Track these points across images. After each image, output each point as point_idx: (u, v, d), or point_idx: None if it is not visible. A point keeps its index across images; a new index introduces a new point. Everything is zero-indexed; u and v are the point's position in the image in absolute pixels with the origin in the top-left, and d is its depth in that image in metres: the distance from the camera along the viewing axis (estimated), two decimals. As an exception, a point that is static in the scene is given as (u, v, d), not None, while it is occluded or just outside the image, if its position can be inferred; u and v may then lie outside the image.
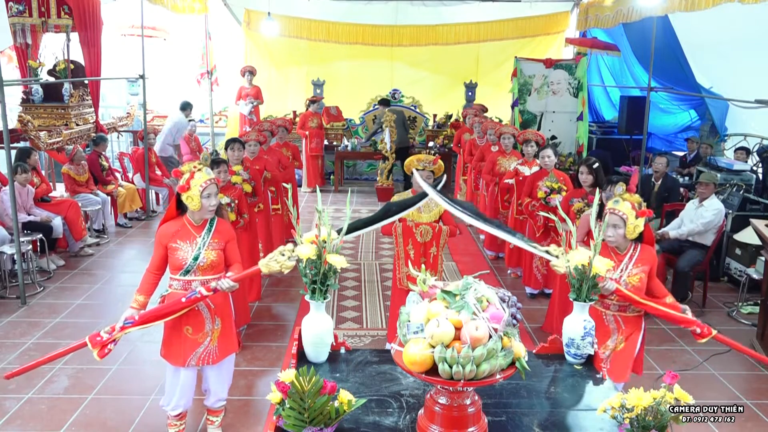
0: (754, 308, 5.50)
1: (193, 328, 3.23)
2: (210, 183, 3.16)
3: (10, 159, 5.57)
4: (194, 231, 3.22)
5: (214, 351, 3.29)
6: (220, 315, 3.30)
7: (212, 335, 3.27)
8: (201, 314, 3.24)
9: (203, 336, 3.24)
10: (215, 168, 4.71)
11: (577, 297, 2.66)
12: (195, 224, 3.23)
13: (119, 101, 12.10)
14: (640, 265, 3.18)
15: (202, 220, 3.24)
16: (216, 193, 3.20)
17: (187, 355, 3.23)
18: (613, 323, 3.25)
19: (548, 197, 5.37)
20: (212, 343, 3.28)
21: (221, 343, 3.32)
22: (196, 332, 3.23)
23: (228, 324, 3.37)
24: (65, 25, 7.21)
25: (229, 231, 3.33)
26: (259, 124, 7.44)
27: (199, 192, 3.12)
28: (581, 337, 2.56)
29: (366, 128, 11.06)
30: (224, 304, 3.36)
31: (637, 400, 1.92)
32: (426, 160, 4.17)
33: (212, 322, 3.27)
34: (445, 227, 4.23)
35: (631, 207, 3.13)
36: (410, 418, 2.10)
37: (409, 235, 4.21)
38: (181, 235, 3.19)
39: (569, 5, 11.20)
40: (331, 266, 2.53)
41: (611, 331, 3.24)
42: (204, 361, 3.27)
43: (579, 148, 9.48)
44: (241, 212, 4.79)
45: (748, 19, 6.79)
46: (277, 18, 10.89)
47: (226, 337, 3.36)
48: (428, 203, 4.22)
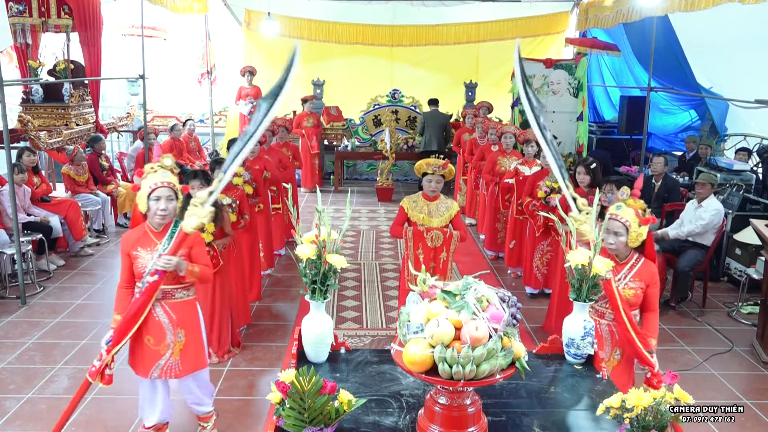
0: (754, 308, 5.50)
1: (154, 338, 3.06)
2: (162, 186, 2.97)
3: (11, 159, 5.57)
4: (155, 237, 3.03)
5: (176, 365, 3.10)
6: (183, 327, 3.11)
7: (173, 348, 3.08)
8: (161, 324, 3.06)
9: (164, 348, 3.07)
10: (216, 169, 4.73)
11: (577, 297, 2.66)
12: (155, 230, 3.04)
13: (119, 101, 12.09)
14: (637, 280, 3.01)
15: (162, 226, 3.04)
16: (169, 197, 2.99)
17: (149, 366, 3.08)
18: (607, 333, 3.09)
19: (548, 197, 5.37)
20: (173, 357, 3.09)
21: (184, 357, 3.12)
22: (158, 343, 3.06)
23: (194, 339, 3.17)
24: (65, 25, 7.21)
25: (195, 236, 3.06)
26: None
27: (147, 193, 2.97)
28: (581, 337, 2.56)
29: (366, 128, 11.06)
30: (189, 316, 3.16)
31: (637, 400, 1.92)
32: (436, 164, 4.17)
33: (174, 333, 3.08)
34: (456, 232, 4.19)
35: (635, 214, 2.96)
36: (410, 418, 2.10)
37: (419, 240, 4.19)
38: (142, 242, 3.02)
39: (569, 5, 11.19)
40: (331, 266, 2.53)
41: (604, 341, 3.09)
42: (167, 374, 3.10)
43: (579, 148, 9.48)
44: (242, 213, 4.78)
45: (748, 19, 6.79)
46: (277, 18, 10.89)
47: (192, 353, 3.15)
48: (438, 207, 4.24)
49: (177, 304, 3.10)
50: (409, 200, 4.32)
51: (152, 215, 3.02)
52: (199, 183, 4.16)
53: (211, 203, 2.81)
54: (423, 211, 4.25)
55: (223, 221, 4.31)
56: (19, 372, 4.26)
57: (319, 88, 11.39)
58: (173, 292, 3.08)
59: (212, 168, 4.74)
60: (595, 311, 3.09)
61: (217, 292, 4.35)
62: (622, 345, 3.01)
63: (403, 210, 4.31)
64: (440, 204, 4.29)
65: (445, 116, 10.15)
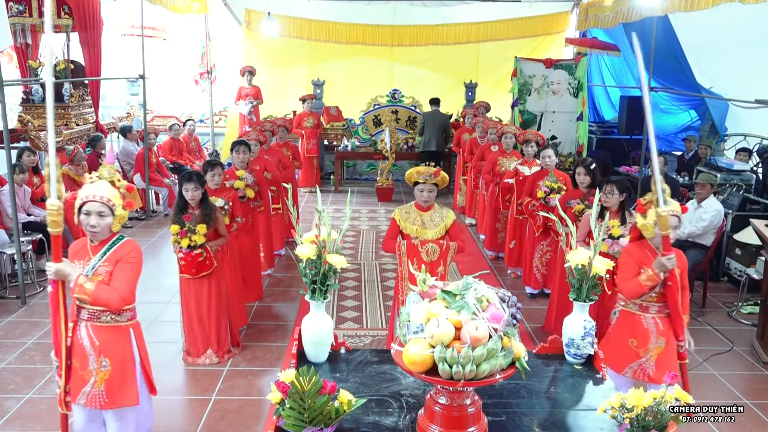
0: (754, 308, 5.50)
1: (79, 362, 2.77)
2: (94, 200, 2.68)
3: (11, 159, 5.57)
4: (91, 252, 2.76)
5: (100, 395, 2.77)
6: (108, 356, 2.75)
7: (96, 376, 2.75)
8: (84, 348, 2.74)
9: (88, 374, 2.76)
10: (209, 170, 4.66)
11: (577, 297, 2.66)
12: (93, 244, 2.78)
13: (119, 101, 12.10)
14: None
15: (100, 241, 2.76)
16: (101, 213, 2.69)
17: (77, 390, 2.78)
18: (653, 325, 3.16)
19: (548, 197, 5.37)
20: (97, 386, 2.76)
21: (110, 389, 2.77)
22: (82, 368, 2.76)
23: (122, 370, 2.79)
24: (65, 25, 7.22)
25: (130, 253, 2.77)
26: (260, 124, 7.43)
27: (78, 206, 2.71)
28: (581, 337, 2.56)
29: (366, 128, 11.07)
30: (117, 344, 2.79)
31: (637, 400, 1.92)
32: (427, 172, 3.88)
33: (96, 361, 2.75)
34: (453, 243, 3.91)
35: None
36: (410, 418, 2.10)
37: (414, 254, 3.87)
38: (80, 254, 2.78)
39: (569, 5, 11.19)
40: (331, 266, 2.53)
41: (650, 334, 3.15)
42: (92, 403, 2.78)
43: (579, 148, 9.49)
44: (234, 215, 4.75)
45: (748, 19, 6.79)
46: (277, 18, 10.89)
47: (120, 385, 2.79)
48: (432, 217, 3.96)
49: (102, 329, 2.75)
50: (401, 211, 4.02)
51: (84, 230, 2.75)
52: (193, 186, 4.15)
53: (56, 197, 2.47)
54: (416, 223, 3.95)
55: (217, 222, 4.28)
56: (19, 372, 4.26)
57: (319, 88, 11.39)
58: (99, 314, 2.74)
59: (205, 169, 4.69)
60: (638, 306, 3.17)
61: (213, 293, 4.33)
62: (666, 333, 3.15)
63: (395, 222, 4.00)
64: (434, 214, 3.99)
65: (446, 116, 10.15)
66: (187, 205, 4.21)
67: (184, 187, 4.17)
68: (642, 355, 3.15)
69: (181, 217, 4.17)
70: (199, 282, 4.30)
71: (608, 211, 4.28)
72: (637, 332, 3.16)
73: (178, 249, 4.20)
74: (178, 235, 4.15)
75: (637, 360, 3.16)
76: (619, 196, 4.21)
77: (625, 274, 3.16)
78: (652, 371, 3.13)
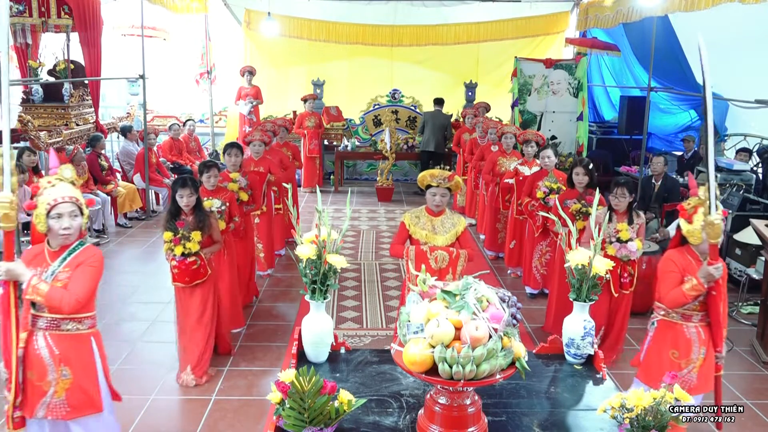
0: (754, 308, 5.50)
1: (36, 373, 2.65)
2: (63, 201, 2.62)
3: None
4: (49, 258, 2.67)
5: (61, 405, 2.68)
6: (68, 364, 2.67)
7: (56, 386, 2.66)
8: (42, 359, 2.64)
9: (47, 384, 2.66)
10: (205, 172, 4.59)
11: (577, 297, 2.66)
12: (52, 250, 2.68)
13: (119, 101, 12.11)
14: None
15: (60, 246, 2.67)
16: (73, 214, 2.64)
17: (34, 403, 2.67)
18: (695, 335, 3.04)
19: (547, 197, 5.37)
20: (57, 396, 2.67)
21: (71, 397, 2.69)
22: (40, 379, 2.66)
23: (84, 378, 2.72)
24: (65, 25, 7.22)
25: (91, 257, 2.69)
26: (263, 124, 7.42)
27: (45, 211, 2.61)
28: (581, 337, 2.56)
29: (366, 128, 11.08)
30: (78, 352, 2.71)
31: (637, 400, 1.92)
32: (441, 176, 3.73)
33: (56, 371, 2.65)
34: (464, 251, 3.73)
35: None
36: (410, 418, 2.10)
37: (422, 261, 3.66)
38: (37, 261, 2.67)
39: (569, 5, 11.20)
40: (331, 266, 2.53)
41: (692, 344, 3.04)
42: (53, 413, 2.68)
43: (579, 148, 9.48)
44: (231, 215, 4.68)
45: (748, 19, 6.79)
46: (277, 18, 10.90)
47: (80, 392, 2.71)
48: (443, 222, 3.82)
49: (63, 338, 2.66)
50: (411, 215, 3.87)
51: (54, 235, 2.65)
52: (188, 192, 3.97)
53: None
54: (426, 228, 3.80)
55: (212, 228, 4.11)
56: (19, 372, 4.25)
57: (319, 88, 11.39)
58: (59, 322, 2.65)
59: (201, 171, 4.64)
60: (681, 315, 3.04)
61: (207, 305, 4.12)
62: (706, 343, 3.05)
63: (405, 226, 3.85)
64: (446, 219, 3.83)
65: (447, 117, 10.16)
66: (180, 211, 4.03)
67: (179, 193, 3.97)
68: (684, 366, 3.02)
69: (174, 223, 3.98)
70: (192, 291, 4.08)
71: (615, 213, 4.28)
72: (679, 343, 3.03)
73: (171, 257, 3.99)
74: (171, 243, 3.95)
75: (679, 371, 3.01)
76: (629, 198, 4.20)
77: (668, 282, 3.00)
78: (695, 382, 3.02)
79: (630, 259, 4.27)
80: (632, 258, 4.27)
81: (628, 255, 4.23)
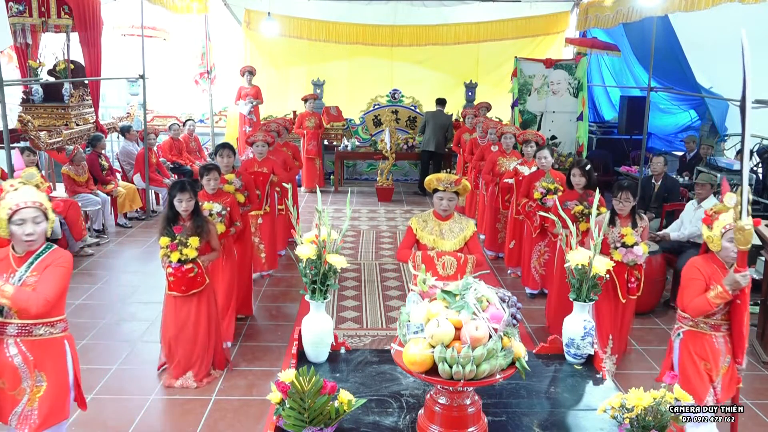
0: (754, 308, 5.49)
1: (8, 382, 2.60)
2: (26, 207, 2.54)
3: (10, 159, 5.57)
4: (15, 263, 2.60)
5: (32, 415, 2.61)
6: (43, 369, 2.63)
7: (30, 394, 2.61)
8: (15, 366, 2.59)
9: (20, 393, 2.62)
10: (206, 174, 4.51)
11: (577, 297, 2.66)
12: (17, 255, 2.61)
13: (119, 101, 12.11)
14: None
15: (26, 252, 2.61)
16: (36, 219, 2.57)
17: (6, 412, 2.63)
18: (723, 345, 3.00)
19: (544, 198, 5.36)
20: (29, 405, 2.61)
21: (43, 406, 2.62)
22: (12, 387, 2.60)
23: (57, 384, 2.68)
24: (65, 25, 7.22)
25: (60, 259, 2.64)
26: (266, 124, 7.40)
27: (7, 216, 2.53)
28: (581, 337, 2.56)
29: (366, 128, 11.08)
30: (53, 356, 2.67)
31: (637, 400, 1.92)
32: (447, 180, 3.65)
33: (31, 378, 2.61)
34: (471, 257, 3.64)
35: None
36: (410, 418, 2.10)
37: (429, 267, 3.57)
38: (2, 267, 2.60)
39: (569, 5, 11.20)
40: (331, 266, 2.54)
41: (720, 354, 2.99)
42: (23, 424, 2.62)
43: (579, 148, 9.49)
44: (233, 220, 4.60)
45: (748, 19, 6.78)
46: (277, 18, 10.90)
47: (51, 401, 2.65)
48: (451, 227, 3.74)
49: (36, 343, 2.61)
50: (419, 220, 3.79)
51: (17, 241, 2.58)
52: (188, 196, 3.88)
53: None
54: (434, 232, 3.72)
55: (210, 235, 4.01)
56: (19, 372, 4.25)
57: (319, 88, 11.39)
58: (31, 327, 2.59)
59: (201, 174, 4.57)
60: (710, 325, 3.00)
61: (203, 313, 4.02)
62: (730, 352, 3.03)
63: (412, 231, 3.77)
64: (453, 224, 3.74)
65: (448, 117, 10.15)
66: (178, 216, 3.92)
67: (177, 198, 3.86)
68: (714, 378, 2.98)
69: (171, 228, 3.86)
70: (188, 300, 3.96)
71: (619, 217, 4.25)
72: (710, 354, 2.97)
73: (168, 264, 3.87)
74: (168, 249, 3.83)
75: (711, 384, 2.98)
76: (633, 202, 4.18)
77: (692, 290, 2.92)
78: (720, 392, 2.98)
79: (637, 263, 4.21)
80: (639, 262, 4.21)
81: (635, 259, 4.16)
